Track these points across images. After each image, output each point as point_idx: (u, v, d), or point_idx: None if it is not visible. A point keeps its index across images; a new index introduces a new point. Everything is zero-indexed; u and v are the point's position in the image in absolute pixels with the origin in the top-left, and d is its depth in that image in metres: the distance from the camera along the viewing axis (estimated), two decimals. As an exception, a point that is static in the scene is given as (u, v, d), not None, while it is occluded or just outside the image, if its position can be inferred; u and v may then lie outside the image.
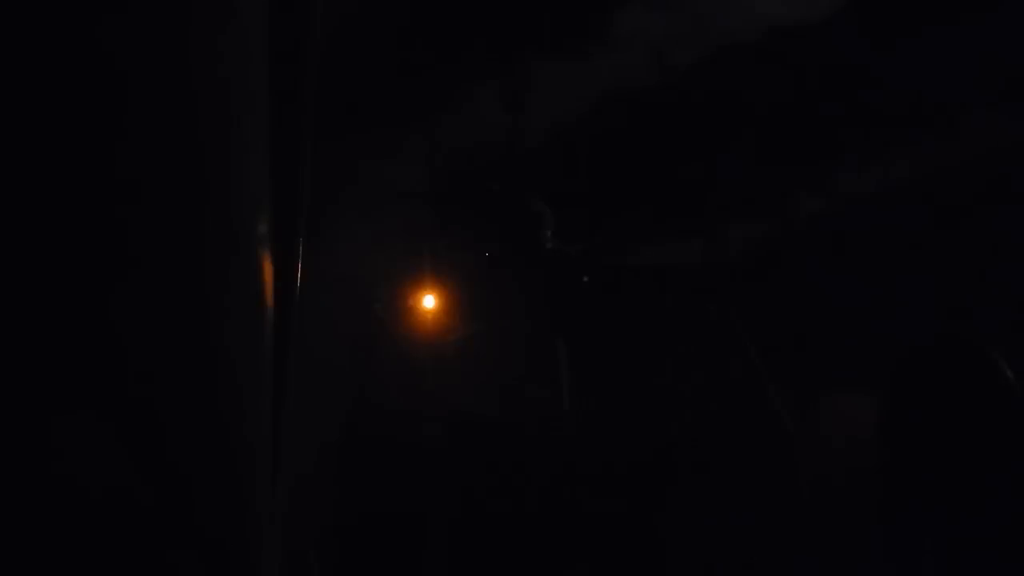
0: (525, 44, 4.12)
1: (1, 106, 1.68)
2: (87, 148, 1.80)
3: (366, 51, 3.94)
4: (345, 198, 4.10)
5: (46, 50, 1.71)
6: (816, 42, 3.99)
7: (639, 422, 4.68)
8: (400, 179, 4.41)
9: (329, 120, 3.86)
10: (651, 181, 4.60)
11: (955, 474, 3.92)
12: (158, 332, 1.93)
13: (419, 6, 3.97)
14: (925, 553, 3.98)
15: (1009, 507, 3.76)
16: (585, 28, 4.07)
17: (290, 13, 2.23)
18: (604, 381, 4.75)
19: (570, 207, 4.78)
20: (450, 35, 4.09)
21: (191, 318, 1.99)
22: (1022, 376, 3.80)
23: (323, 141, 3.78)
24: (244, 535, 2.08)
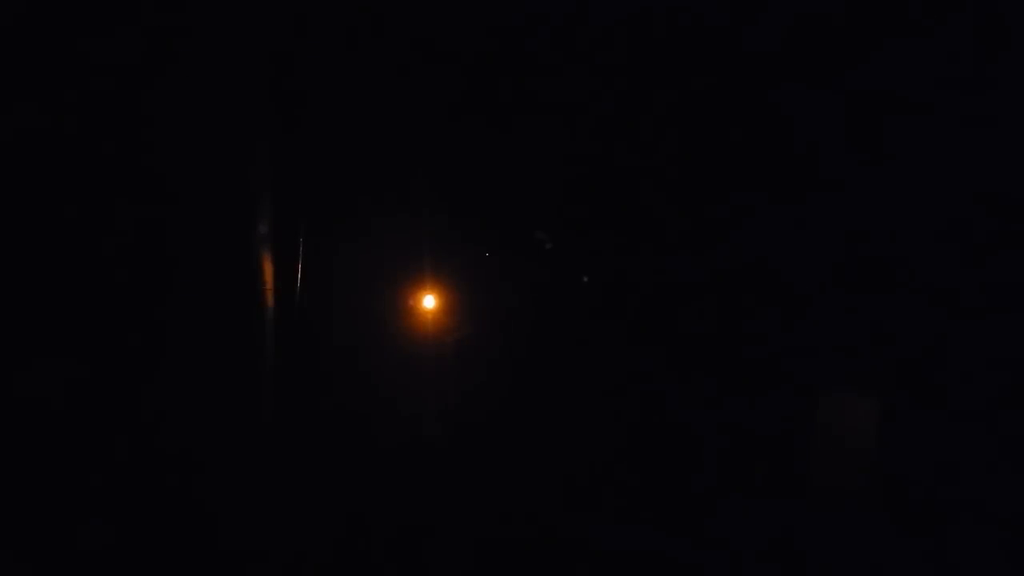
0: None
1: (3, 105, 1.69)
2: (86, 149, 1.81)
3: (369, 56, 3.99)
4: (348, 200, 4.12)
5: (50, 58, 1.71)
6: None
7: (638, 422, 4.69)
8: (402, 182, 4.45)
9: (332, 124, 3.87)
10: (646, 194, 4.73)
11: (955, 473, 3.93)
12: (156, 331, 1.93)
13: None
14: (925, 551, 4.00)
15: (1009, 506, 3.77)
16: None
17: (289, 19, 2.23)
18: (602, 381, 4.77)
19: (569, 209, 4.81)
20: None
21: (191, 317, 2.00)
22: (1019, 377, 3.82)
23: (325, 143, 3.79)
24: (242, 529, 2.09)
